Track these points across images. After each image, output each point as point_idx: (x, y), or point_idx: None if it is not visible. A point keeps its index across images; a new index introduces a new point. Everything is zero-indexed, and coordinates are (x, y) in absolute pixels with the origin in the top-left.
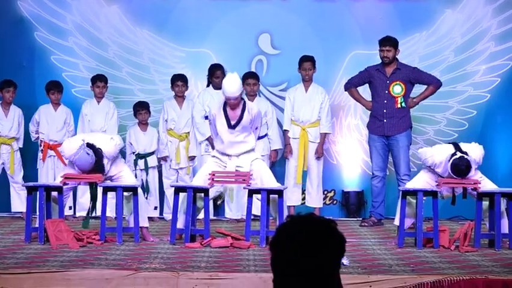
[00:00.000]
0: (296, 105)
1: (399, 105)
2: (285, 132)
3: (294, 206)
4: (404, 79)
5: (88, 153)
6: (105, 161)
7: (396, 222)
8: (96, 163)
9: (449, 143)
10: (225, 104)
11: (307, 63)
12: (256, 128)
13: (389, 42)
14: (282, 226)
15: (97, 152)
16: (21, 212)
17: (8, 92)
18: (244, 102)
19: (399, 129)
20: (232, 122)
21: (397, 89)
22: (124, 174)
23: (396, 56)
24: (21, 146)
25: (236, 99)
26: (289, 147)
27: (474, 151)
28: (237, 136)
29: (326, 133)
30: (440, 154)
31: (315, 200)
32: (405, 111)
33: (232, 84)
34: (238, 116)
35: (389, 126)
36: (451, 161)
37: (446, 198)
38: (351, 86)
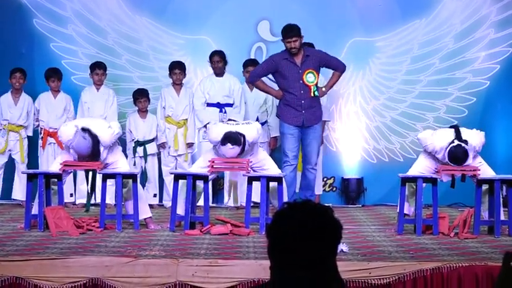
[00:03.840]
0: None
1: (312, 94)
2: None
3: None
4: (315, 66)
5: (85, 138)
6: (101, 148)
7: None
8: (93, 148)
9: (452, 126)
10: None
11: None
12: None
13: (293, 33)
14: (278, 213)
15: (94, 137)
16: (21, 200)
17: (15, 78)
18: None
19: (317, 120)
20: None
21: (310, 78)
22: (119, 163)
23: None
24: (30, 135)
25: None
26: None
27: (474, 138)
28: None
29: (325, 120)
30: (440, 141)
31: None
32: (319, 100)
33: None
34: None
35: (307, 117)
36: (448, 148)
37: (446, 180)
38: (256, 78)
